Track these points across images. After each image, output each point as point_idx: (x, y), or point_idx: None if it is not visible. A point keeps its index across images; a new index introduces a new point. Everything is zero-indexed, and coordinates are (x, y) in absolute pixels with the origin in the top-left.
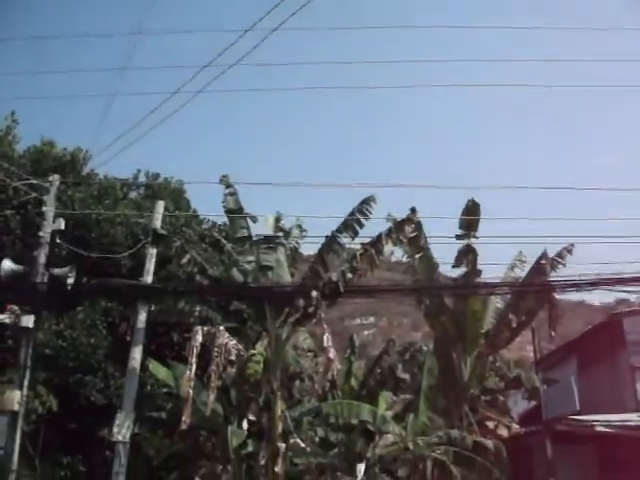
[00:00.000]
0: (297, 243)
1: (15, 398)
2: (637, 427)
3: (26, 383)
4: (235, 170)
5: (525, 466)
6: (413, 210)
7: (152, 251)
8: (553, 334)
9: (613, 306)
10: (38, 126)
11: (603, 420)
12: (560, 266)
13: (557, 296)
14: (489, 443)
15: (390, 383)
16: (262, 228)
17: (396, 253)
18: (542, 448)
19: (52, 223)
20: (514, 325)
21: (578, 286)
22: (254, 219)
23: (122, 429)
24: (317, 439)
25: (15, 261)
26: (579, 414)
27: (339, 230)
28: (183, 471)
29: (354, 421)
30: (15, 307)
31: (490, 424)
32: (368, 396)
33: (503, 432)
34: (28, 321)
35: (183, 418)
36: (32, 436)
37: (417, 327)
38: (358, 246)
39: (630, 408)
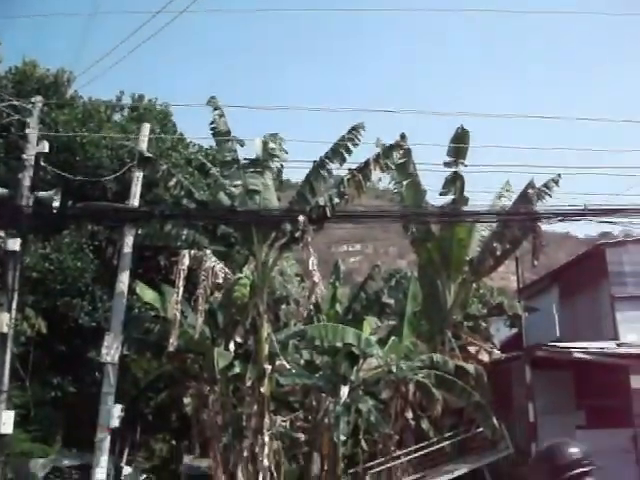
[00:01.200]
0: (281, 166)
1: (4, 320)
2: (613, 354)
3: (14, 306)
4: (222, 94)
5: (504, 390)
6: (402, 136)
7: (138, 174)
8: (536, 263)
9: (597, 239)
10: (20, 46)
11: (581, 347)
12: (546, 196)
13: (542, 226)
14: (470, 367)
15: (375, 308)
16: (249, 152)
17: (384, 181)
18: (521, 373)
19: (36, 146)
20: (498, 253)
21: (564, 216)
22: (241, 142)
23: (111, 350)
24: (302, 362)
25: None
26: (559, 341)
27: (327, 156)
28: (171, 392)
29: (339, 344)
30: (0, 232)
31: (472, 349)
32: (353, 321)
33: (484, 357)
34: (14, 244)
35: (170, 340)
36: (22, 358)
37: (403, 255)
38: (346, 172)
39: (608, 336)
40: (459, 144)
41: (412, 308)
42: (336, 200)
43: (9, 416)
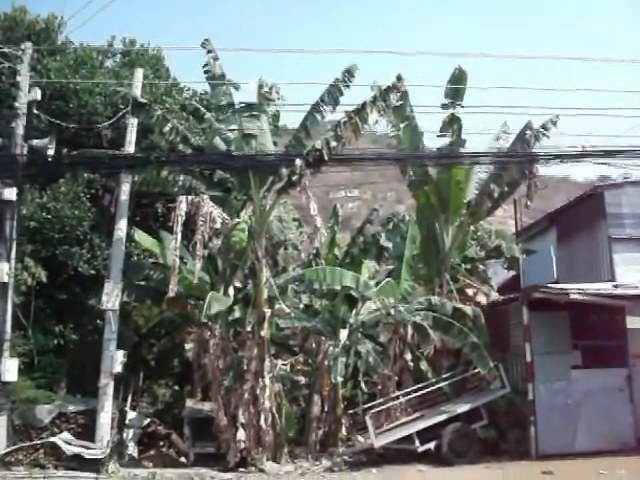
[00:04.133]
0: (277, 111)
1: (4, 270)
2: (610, 295)
3: (13, 255)
4: (215, 38)
5: (502, 331)
6: (399, 78)
7: (133, 120)
8: (529, 204)
9: (596, 183)
10: None
11: (578, 288)
12: (544, 138)
13: (541, 169)
14: (468, 309)
15: (373, 252)
16: (244, 96)
17: (381, 125)
18: (519, 314)
19: (28, 93)
20: (496, 195)
21: (562, 157)
22: (236, 86)
23: (111, 297)
24: (301, 305)
25: None
26: (556, 283)
27: (322, 99)
28: (173, 337)
29: (337, 287)
30: None
31: (470, 292)
32: (351, 264)
33: (482, 299)
34: (11, 194)
35: (170, 286)
36: (23, 307)
37: (401, 200)
38: (342, 116)
39: (605, 278)
40: (456, 85)
41: (410, 251)
42: (333, 143)
43: (13, 364)
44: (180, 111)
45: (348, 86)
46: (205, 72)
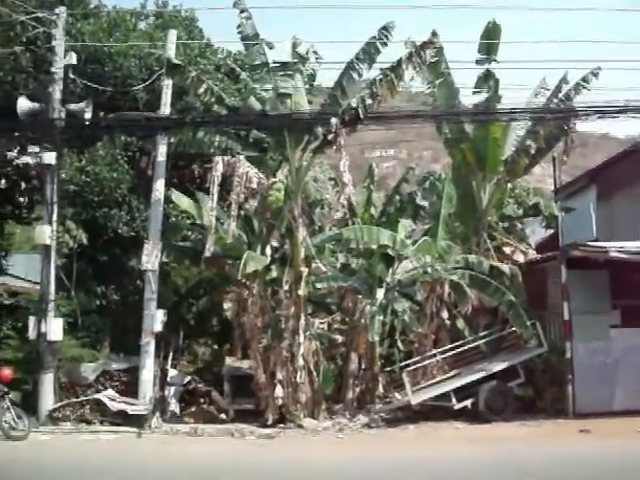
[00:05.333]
0: (314, 70)
1: (46, 232)
2: None
3: (55, 218)
4: None
5: (539, 290)
6: (434, 33)
7: (167, 82)
8: (566, 159)
9: (637, 139)
10: None
11: (618, 246)
12: (584, 91)
13: (580, 125)
14: (505, 267)
15: (409, 211)
16: (279, 55)
17: (416, 83)
18: (557, 273)
19: (63, 58)
20: (533, 152)
21: (603, 113)
22: (270, 45)
23: (150, 258)
24: (338, 265)
25: (30, 99)
26: (596, 242)
27: (358, 57)
28: (211, 297)
29: (374, 246)
30: (36, 148)
31: (507, 250)
32: (387, 223)
33: (519, 258)
34: (50, 158)
35: (207, 246)
36: (66, 269)
37: (437, 159)
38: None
39: None
40: (490, 40)
41: (447, 210)
42: (368, 101)
43: (58, 324)
44: (214, 72)
45: (385, 43)
46: (239, 32)
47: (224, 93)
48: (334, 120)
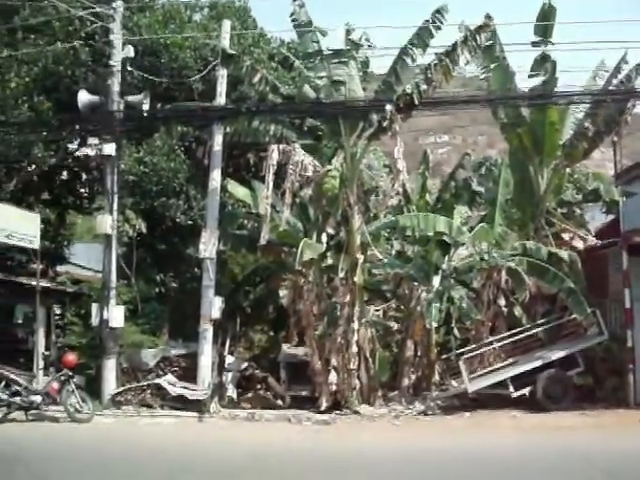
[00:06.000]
0: (367, 57)
1: (107, 222)
2: None
3: (115, 208)
4: None
5: (599, 276)
6: (488, 16)
7: (222, 72)
8: (615, 139)
9: None
10: None
11: None
12: None
13: None
14: (564, 254)
15: (465, 197)
16: (332, 42)
17: (470, 68)
18: (618, 259)
19: (121, 51)
20: (592, 135)
21: None
22: (324, 33)
23: (208, 246)
24: (394, 252)
25: (90, 92)
26: None
27: (411, 42)
28: (268, 284)
29: (430, 233)
30: (96, 139)
31: (566, 236)
32: (443, 210)
33: (579, 244)
34: (110, 149)
35: (262, 234)
36: (126, 257)
37: (492, 144)
38: (432, 58)
39: None
40: (546, 21)
41: (503, 196)
42: (423, 87)
43: (119, 311)
44: (268, 61)
45: (438, 27)
46: (292, 20)
47: (278, 82)
48: (389, 107)
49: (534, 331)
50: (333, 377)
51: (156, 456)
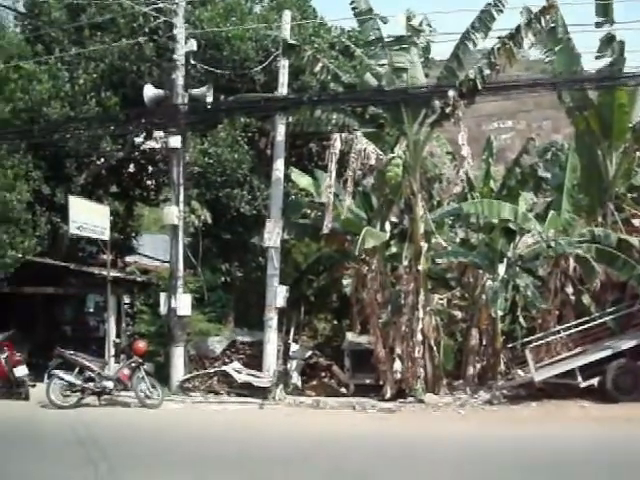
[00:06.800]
0: (428, 43)
1: (174, 213)
2: None
3: (181, 199)
4: None
5: None
6: None
7: (284, 62)
8: None
9: None
10: None
11: None
12: None
13: None
14: (634, 240)
15: (530, 183)
16: (393, 29)
17: (534, 51)
18: None
19: (184, 45)
20: None
21: None
22: (384, 20)
23: (272, 235)
24: (458, 240)
25: (155, 86)
26: None
27: (473, 26)
28: (331, 273)
29: (495, 220)
30: (161, 133)
31: (636, 222)
32: (508, 197)
33: None
34: (176, 142)
35: (325, 223)
36: (192, 247)
37: (558, 129)
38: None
39: None
40: (606, 1)
41: (570, 181)
42: (486, 71)
43: (186, 299)
44: (329, 50)
45: (500, 10)
46: (352, 8)
47: (340, 71)
48: (452, 92)
49: (603, 320)
50: (398, 365)
51: (225, 441)
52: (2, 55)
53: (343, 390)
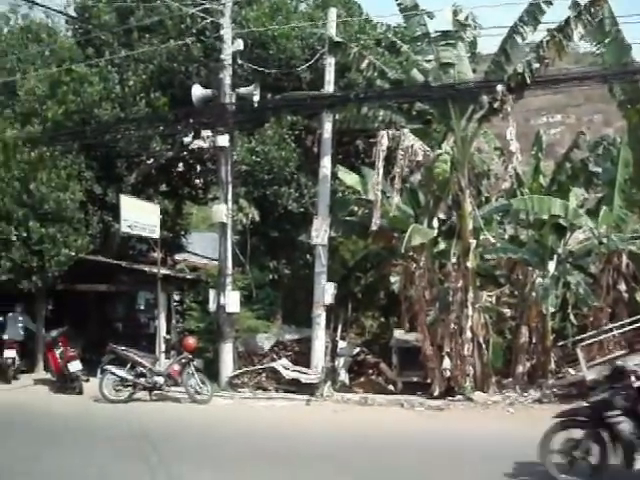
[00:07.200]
0: (475, 38)
1: (222, 211)
2: None
3: (230, 197)
4: None
5: None
6: None
7: (330, 60)
8: None
9: None
10: None
11: None
12: None
13: None
14: None
15: (581, 178)
16: (439, 24)
17: (583, 43)
18: None
19: (231, 45)
20: None
21: None
22: (430, 15)
23: (320, 233)
24: (507, 236)
25: (203, 86)
26: None
27: (521, 19)
28: (378, 270)
29: (545, 216)
30: (209, 132)
31: None
32: (558, 192)
33: None
34: (224, 140)
35: (373, 220)
36: (241, 245)
37: (609, 122)
38: (543, 35)
39: None
40: None
41: (623, 176)
42: (535, 65)
43: (235, 297)
44: (375, 46)
45: (549, 2)
46: (398, 4)
47: (386, 67)
48: (500, 87)
49: None
50: (446, 363)
51: (273, 437)
52: (55, 59)
53: (390, 387)
